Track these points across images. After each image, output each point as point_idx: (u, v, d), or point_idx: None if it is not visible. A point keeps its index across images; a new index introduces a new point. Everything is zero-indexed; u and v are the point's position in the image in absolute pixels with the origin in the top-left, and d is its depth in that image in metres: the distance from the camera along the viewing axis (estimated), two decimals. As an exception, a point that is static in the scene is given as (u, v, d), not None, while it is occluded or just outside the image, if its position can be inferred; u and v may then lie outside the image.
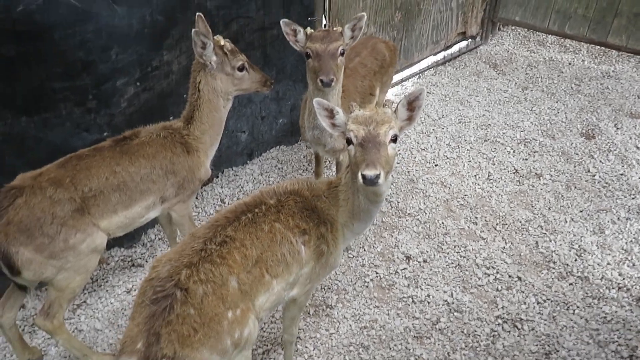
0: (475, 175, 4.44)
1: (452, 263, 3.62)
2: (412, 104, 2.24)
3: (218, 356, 1.99)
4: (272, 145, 4.78)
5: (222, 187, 4.33)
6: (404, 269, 3.57)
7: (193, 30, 2.76)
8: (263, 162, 4.65)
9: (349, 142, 2.19)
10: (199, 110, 2.99)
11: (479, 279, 3.49)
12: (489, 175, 4.43)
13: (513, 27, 6.91)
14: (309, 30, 3.04)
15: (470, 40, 6.57)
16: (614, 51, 6.20)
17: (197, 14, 2.91)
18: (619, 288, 3.38)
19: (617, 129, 4.95)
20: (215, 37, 2.93)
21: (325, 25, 4.56)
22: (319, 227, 2.39)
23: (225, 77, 2.97)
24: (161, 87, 3.53)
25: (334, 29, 3.07)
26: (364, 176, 2.04)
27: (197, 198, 4.17)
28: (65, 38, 2.92)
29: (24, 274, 2.52)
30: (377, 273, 3.55)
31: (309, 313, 3.28)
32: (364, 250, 3.74)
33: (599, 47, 6.24)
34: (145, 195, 2.87)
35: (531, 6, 6.30)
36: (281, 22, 3.02)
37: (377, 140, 2.11)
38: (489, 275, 3.51)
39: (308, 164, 4.64)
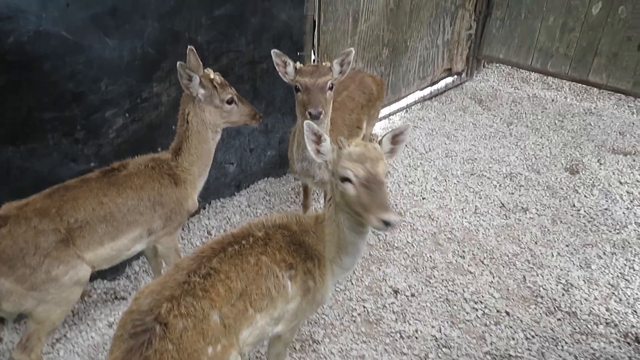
0: (462, 209, 4.47)
1: (440, 297, 3.59)
2: (396, 138, 2.27)
3: None
4: (260, 177, 4.78)
5: (208, 219, 4.30)
6: (391, 303, 3.54)
7: (178, 63, 2.80)
8: (251, 194, 4.64)
9: (343, 179, 2.16)
10: (188, 142, 2.99)
11: (467, 313, 3.47)
12: (475, 209, 4.46)
13: (497, 65, 7.09)
14: (298, 64, 3.10)
15: (456, 76, 6.73)
16: (595, 89, 6.37)
17: (189, 47, 2.96)
18: (607, 324, 3.38)
19: (600, 164, 5.04)
20: (205, 70, 2.96)
21: (314, 60, 4.65)
22: (306, 262, 2.36)
23: (214, 109, 2.99)
24: (150, 119, 3.54)
25: (323, 63, 3.12)
26: (386, 222, 2.01)
27: (183, 230, 4.12)
28: (55, 69, 2.93)
29: (3, 305, 2.47)
30: (364, 307, 3.51)
31: (295, 348, 3.22)
32: (352, 283, 3.70)
33: (580, 84, 6.42)
34: (132, 227, 2.83)
35: (514, 45, 6.49)
36: (272, 52, 3.07)
37: (377, 180, 2.10)
38: (477, 310, 3.49)
39: (296, 196, 4.64)
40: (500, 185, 4.78)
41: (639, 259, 3.88)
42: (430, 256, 3.94)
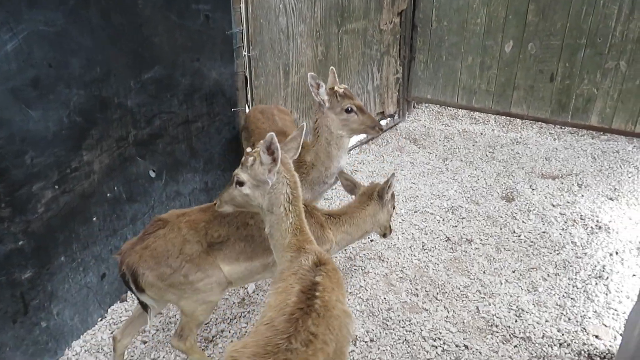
0: (410, 247, 4.51)
1: (399, 339, 3.55)
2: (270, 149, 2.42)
3: None
4: (205, 236, 4.64)
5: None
6: (351, 351, 3.45)
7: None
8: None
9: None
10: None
11: (427, 352, 3.44)
12: (423, 245, 4.52)
13: (427, 104, 7.43)
14: (338, 87, 3.60)
15: (389, 118, 6.97)
16: (518, 120, 6.79)
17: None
18: (560, 344, 3.44)
19: (533, 189, 5.29)
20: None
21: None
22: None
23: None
24: (82, 189, 3.38)
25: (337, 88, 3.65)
26: None
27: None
28: (-27, 146, 2.77)
29: (147, 292, 2.82)
30: None
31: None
32: (309, 336, 3.60)
33: (504, 117, 6.82)
34: (268, 253, 2.94)
35: (440, 85, 6.85)
36: (309, 75, 3.53)
37: None
38: (436, 347, 3.47)
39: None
40: (443, 220, 4.89)
41: (580, 277, 4.04)
42: (385, 298, 3.92)
